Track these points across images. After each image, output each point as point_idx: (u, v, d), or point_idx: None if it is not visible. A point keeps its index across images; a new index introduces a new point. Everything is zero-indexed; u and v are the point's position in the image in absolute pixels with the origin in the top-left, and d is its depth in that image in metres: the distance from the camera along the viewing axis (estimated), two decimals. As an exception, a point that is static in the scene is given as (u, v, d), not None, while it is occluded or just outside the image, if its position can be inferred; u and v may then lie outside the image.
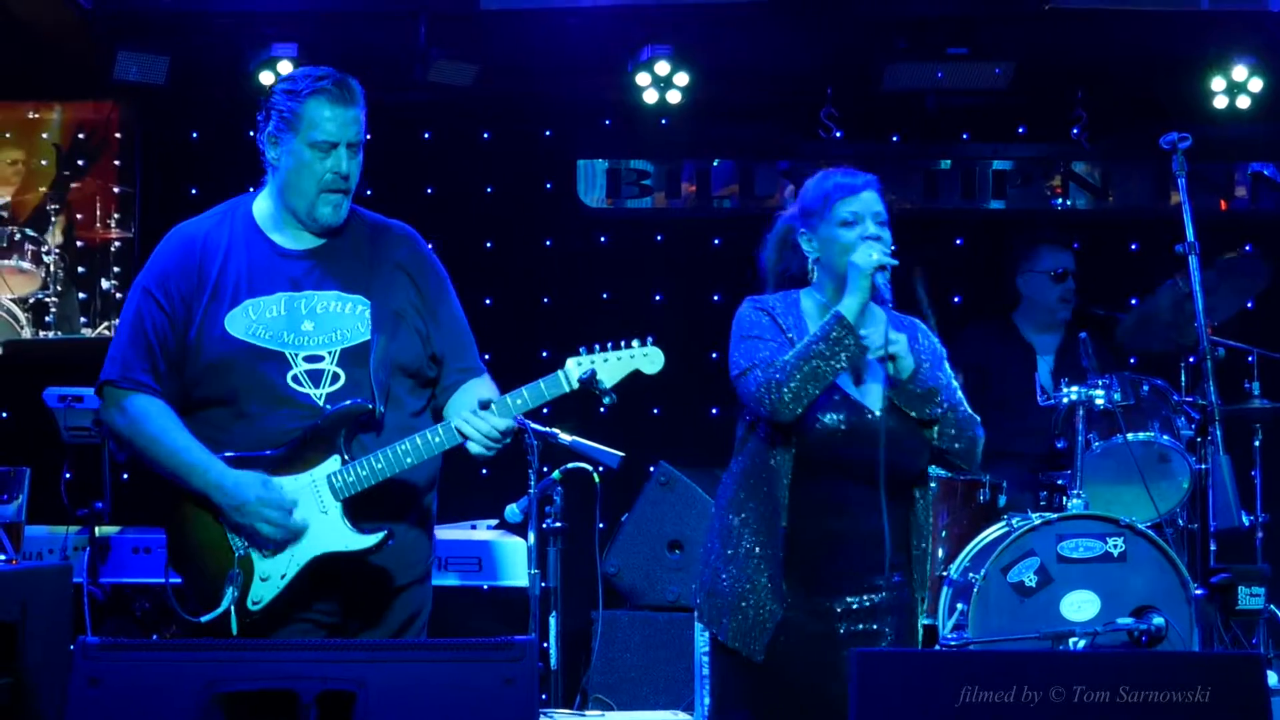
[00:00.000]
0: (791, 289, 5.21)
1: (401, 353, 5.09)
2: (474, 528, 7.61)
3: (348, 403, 4.96)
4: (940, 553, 7.31)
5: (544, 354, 8.64)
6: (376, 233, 5.21)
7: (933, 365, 5.20)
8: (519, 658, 4.03)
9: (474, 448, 4.96)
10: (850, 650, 4.12)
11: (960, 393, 5.28)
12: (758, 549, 5.02)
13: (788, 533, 5.00)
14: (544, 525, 6.83)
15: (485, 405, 4.96)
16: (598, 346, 5.01)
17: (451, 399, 5.17)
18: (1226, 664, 4.12)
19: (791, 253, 5.21)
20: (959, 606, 6.95)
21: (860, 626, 4.99)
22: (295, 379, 4.98)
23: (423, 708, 4.01)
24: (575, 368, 5.00)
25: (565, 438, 6.69)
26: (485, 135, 9.33)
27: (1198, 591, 4.92)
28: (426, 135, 9.30)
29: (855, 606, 5.00)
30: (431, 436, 4.96)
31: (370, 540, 4.94)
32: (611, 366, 5.01)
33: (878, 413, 5.02)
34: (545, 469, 6.87)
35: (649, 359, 5.03)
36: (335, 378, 4.99)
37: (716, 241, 9.35)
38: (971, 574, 6.97)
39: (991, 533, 7.15)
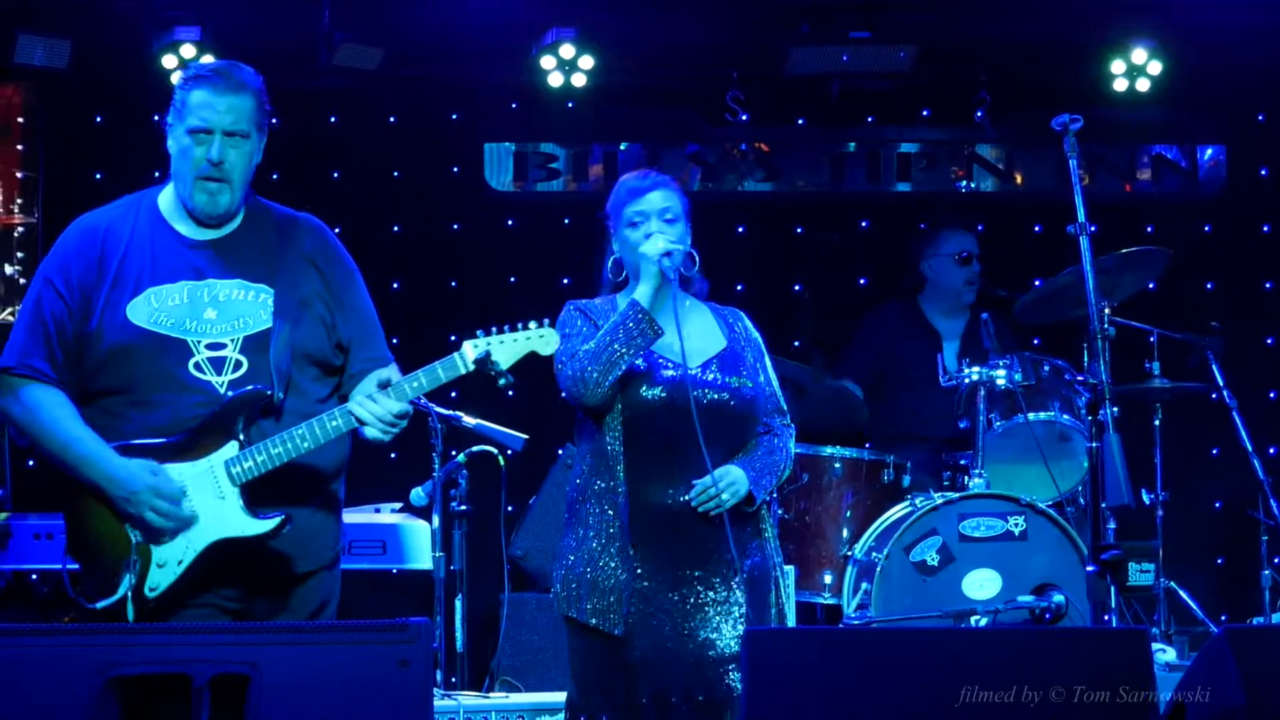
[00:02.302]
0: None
1: (305, 340, 5.08)
2: (378, 511, 7.59)
3: (246, 389, 4.95)
4: (845, 533, 7.38)
5: (452, 337, 8.47)
6: (284, 224, 5.20)
7: (754, 360, 5.48)
8: (413, 640, 4.03)
9: (369, 431, 4.97)
10: (745, 630, 4.16)
11: (776, 385, 5.55)
12: (605, 526, 5.25)
13: (631, 506, 5.23)
14: (449, 508, 6.83)
15: (383, 388, 4.97)
16: (494, 329, 5.06)
17: (357, 387, 5.17)
18: (1113, 639, 4.17)
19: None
20: (863, 586, 7.02)
21: (711, 594, 5.21)
22: (197, 366, 4.96)
23: (317, 690, 4.01)
24: (471, 349, 5.04)
25: (469, 421, 6.72)
26: (391, 119, 9.29)
27: (1089, 568, 4.98)
28: (333, 119, 9.25)
29: (702, 574, 5.22)
30: (328, 421, 4.96)
31: (266, 525, 4.93)
32: (507, 348, 5.06)
33: (702, 391, 5.28)
34: (452, 452, 6.89)
35: (544, 340, 5.09)
36: (238, 365, 4.97)
37: (624, 225, 9.35)
38: (875, 553, 7.04)
39: (895, 513, 7.22)
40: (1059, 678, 4.08)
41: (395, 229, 9.27)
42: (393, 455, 8.10)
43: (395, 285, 9.12)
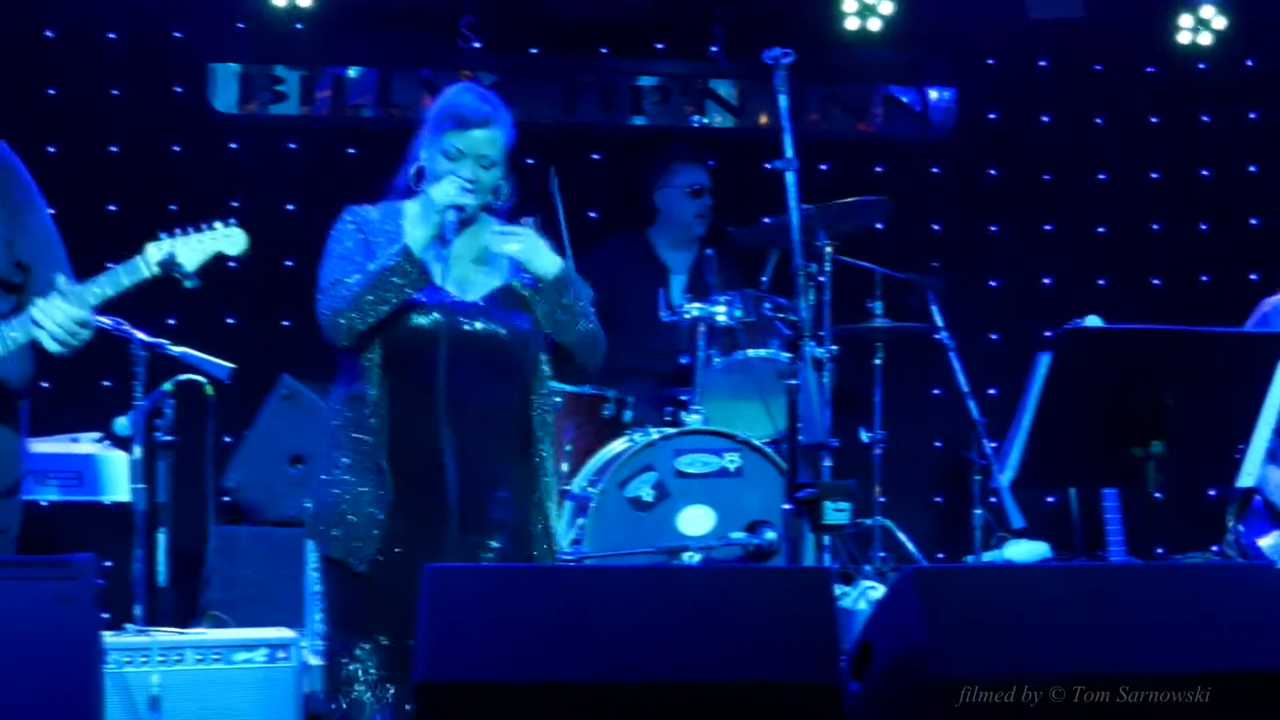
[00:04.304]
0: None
1: None
2: (75, 440, 7.33)
3: None
4: (565, 467, 7.30)
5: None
6: None
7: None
8: (74, 576, 3.87)
9: (48, 342, 4.80)
10: (425, 566, 4.04)
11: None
12: (361, 456, 4.96)
13: (389, 438, 4.96)
14: (153, 439, 6.63)
15: (62, 297, 4.82)
16: (178, 230, 4.89)
17: (38, 299, 5.00)
18: (797, 578, 4.16)
19: None
20: (578, 521, 6.97)
21: (472, 536, 4.96)
22: None
23: (-30, 628, 3.84)
24: (155, 251, 4.89)
25: (174, 349, 6.52)
26: (111, 35, 8.96)
27: (785, 507, 4.98)
28: (49, 33, 8.89)
29: (459, 513, 4.89)
30: (8, 332, 4.82)
31: None
32: (193, 249, 4.90)
33: (471, 321, 5.01)
34: (161, 381, 6.69)
35: (231, 240, 4.94)
36: None
37: (352, 150, 9.14)
38: (591, 488, 6.99)
39: (612, 448, 7.17)
40: (747, 615, 4.06)
41: (113, 149, 8.95)
42: (106, 384, 7.88)
43: (112, 207, 8.83)
